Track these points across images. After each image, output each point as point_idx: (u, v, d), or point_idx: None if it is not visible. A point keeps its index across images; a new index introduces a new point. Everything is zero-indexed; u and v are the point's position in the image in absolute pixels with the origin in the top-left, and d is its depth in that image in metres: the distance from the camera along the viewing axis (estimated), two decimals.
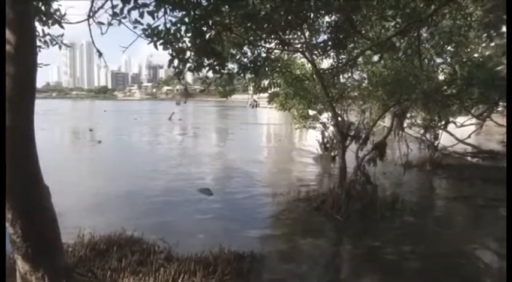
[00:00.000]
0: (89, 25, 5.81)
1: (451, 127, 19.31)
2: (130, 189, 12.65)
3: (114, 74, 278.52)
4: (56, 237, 5.01)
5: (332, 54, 10.06)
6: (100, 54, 6.69)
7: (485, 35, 12.52)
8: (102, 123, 40.01)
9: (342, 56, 10.47)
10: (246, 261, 7.03)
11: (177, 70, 5.58)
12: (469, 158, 19.41)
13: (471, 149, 20.75)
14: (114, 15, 5.34)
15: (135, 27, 5.30)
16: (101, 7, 5.56)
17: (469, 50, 13.64)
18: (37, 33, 5.76)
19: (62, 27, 6.28)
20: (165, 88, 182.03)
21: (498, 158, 19.20)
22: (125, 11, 5.09)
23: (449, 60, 13.66)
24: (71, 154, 21.89)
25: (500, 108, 17.72)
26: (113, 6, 5.31)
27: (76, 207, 10.29)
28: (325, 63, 11.61)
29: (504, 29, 14.31)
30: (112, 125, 39.29)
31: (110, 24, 5.58)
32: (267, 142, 29.81)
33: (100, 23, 5.69)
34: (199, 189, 12.60)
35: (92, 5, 5.65)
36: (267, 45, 8.83)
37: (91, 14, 5.72)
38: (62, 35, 6.64)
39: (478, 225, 10.32)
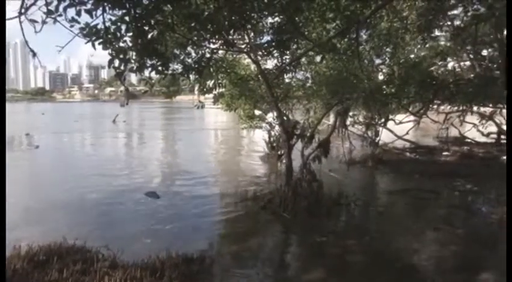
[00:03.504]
0: (21, 23, 5.45)
1: (390, 124, 20.27)
2: (68, 197, 12.05)
3: (52, 74, 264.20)
4: None
5: (276, 54, 10.21)
6: (34, 54, 6.31)
7: (420, 37, 13.34)
8: (40, 126, 37.82)
9: (286, 57, 10.66)
10: (195, 263, 6.95)
11: (118, 71, 5.38)
12: (407, 154, 20.43)
13: (409, 145, 21.87)
14: (49, 12, 5.05)
15: (72, 26, 5.06)
16: (33, 4, 5.22)
17: (406, 51, 14.39)
18: None
19: None
20: (108, 89, 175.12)
21: (434, 153, 20.42)
22: (60, 9, 4.84)
23: (387, 61, 14.33)
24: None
25: (435, 106, 18.81)
26: (47, 3, 5.02)
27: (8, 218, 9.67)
28: (270, 64, 11.77)
29: (437, 32, 15.25)
30: (51, 128, 37.25)
31: (44, 22, 5.27)
32: (215, 142, 29.69)
33: (33, 21, 5.36)
34: (146, 193, 12.28)
35: (23, 1, 5.31)
36: (211, 46, 8.79)
37: (22, 11, 5.37)
38: None
39: (417, 217, 10.87)
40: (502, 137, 22.40)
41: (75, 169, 16.99)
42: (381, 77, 14.85)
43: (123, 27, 4.97)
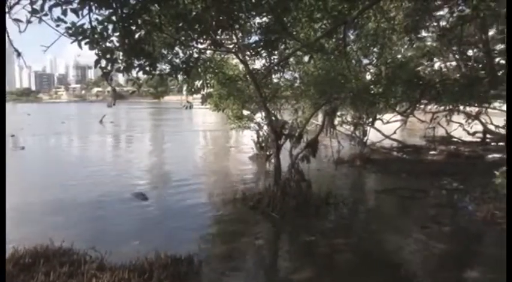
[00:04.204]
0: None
1: (378, 124, 20.43)
2: (54, 199, 11.90)
3: (38, 75, 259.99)
4: None
5: (264, 54, 10.22)
6: (19, 54, 6.20)
7: (407, 37, 13.51)
8: (26, 128, 37.19)
9: (274, 57, 10.67)
10: (184, 264, 6.91)
11: (105, 71, 5.33)
12: (395, 153, 20.62)
13: (397, 144, 22.07)
14: (34, 11, 4.97)
15: (57, 26, 4.99)
16: (17, 3, 5.14)
17: (393, 51, 14.53)
18: None
19: None
20: (95, 89, 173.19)
21: (421, 152, 20.63)
22: (46, 8, 4.77)
23: (375, 61, 14.44)
24: None
25: (422, 106, 19.01)
26: (32, 2, 4.95)
27: None
28: (258, 64, 11.77)
29: (423, 33, 15.44)
30: (37, 129, 36.70)
31: (28, 21, 5.19)
32: (204, 142, 29.58)
33: (17, 20, 5.28)
34: (134, 194, 12.19)
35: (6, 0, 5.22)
36: (199, 46, 8.75)
37: (6, 10, 5.29)
38: None
39: (405, 215, 10.98)
40: (488, 136, 22.79)
41: (61, 171, 16.81)
42: (368, 77, 14.96)
43: (110, 27, 4.92)
